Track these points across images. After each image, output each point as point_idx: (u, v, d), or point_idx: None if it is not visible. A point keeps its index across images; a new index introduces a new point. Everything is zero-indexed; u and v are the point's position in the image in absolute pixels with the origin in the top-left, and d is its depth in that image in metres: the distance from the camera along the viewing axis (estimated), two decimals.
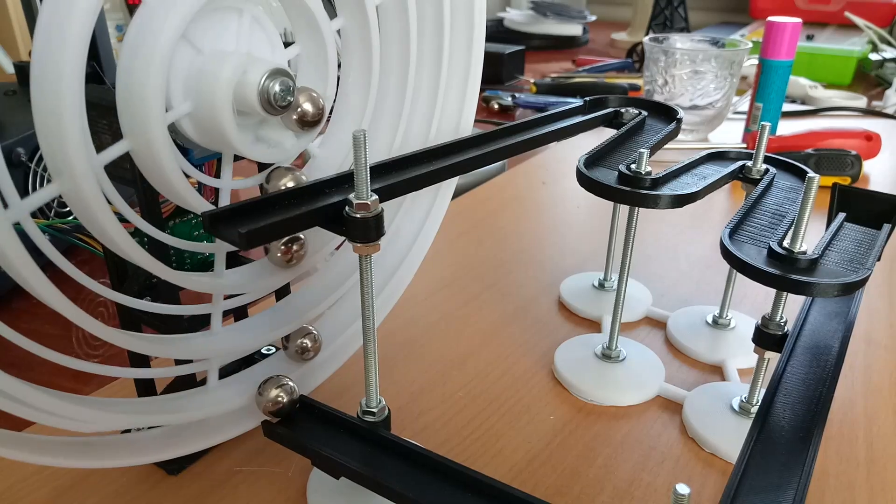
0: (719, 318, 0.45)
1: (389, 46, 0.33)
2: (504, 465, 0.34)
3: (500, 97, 1.01)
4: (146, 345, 0.27)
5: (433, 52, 0.35)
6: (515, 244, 0.58)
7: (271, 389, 0.29)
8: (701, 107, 0.80)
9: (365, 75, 0.32)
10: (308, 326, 0.34)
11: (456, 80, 0.37)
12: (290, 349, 0.33)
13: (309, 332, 0.34)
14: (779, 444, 0.26)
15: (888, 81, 1.13)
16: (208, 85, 0.25)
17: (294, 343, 0.33)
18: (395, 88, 0.34)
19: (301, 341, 0.33)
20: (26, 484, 0.32)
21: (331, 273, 0.36)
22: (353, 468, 0.27)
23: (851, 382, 0.40)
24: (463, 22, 0.36)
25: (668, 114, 0.43)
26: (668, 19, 1.38)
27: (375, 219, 0.25)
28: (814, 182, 0.29)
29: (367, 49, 0.31)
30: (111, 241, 0.24)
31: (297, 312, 0.33)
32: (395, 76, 0.34)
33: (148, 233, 0.26)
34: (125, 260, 0.30)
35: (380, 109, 0.34)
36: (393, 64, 0.34)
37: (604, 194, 0.34)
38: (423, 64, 0.35)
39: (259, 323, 0.32)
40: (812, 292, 0.27)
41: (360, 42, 0.31)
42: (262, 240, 0.25)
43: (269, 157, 0.29)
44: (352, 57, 0.31)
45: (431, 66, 0.36)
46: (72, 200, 0.22)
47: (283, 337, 0.33)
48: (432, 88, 0.36)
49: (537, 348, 0.44)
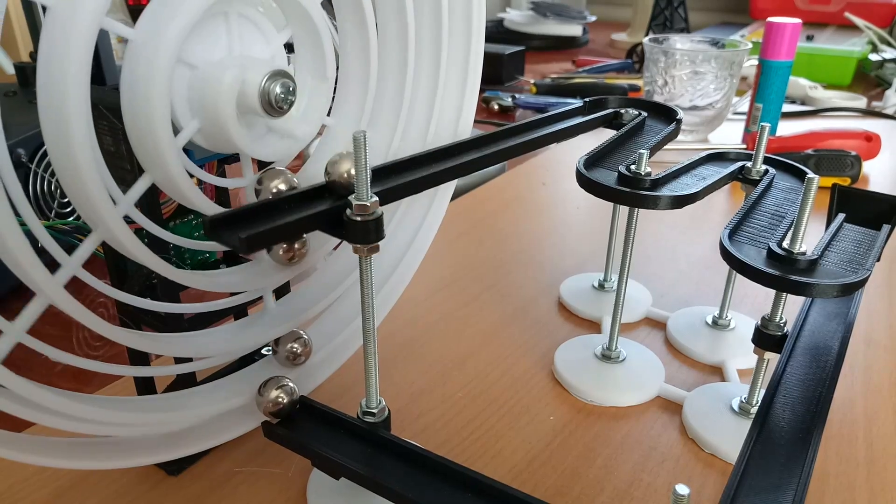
0: (719, 318, 0.45)
1: (387, 45, 0.33)
2: (504, 465, 0.34)
3: (500, 98, 1.01)
4: (149, 342, 0.27)
5: (431, 52, 0.35)
6: (515, 245, 0.58)
7: (271, 390, 0.29)
8: (701, 107, 0.80)
9: (363, 74, 0.32)
10: (298, 331, 0.33)
11: (455, 80, 0.37)
12: (279, 354, 0.33)
13: (299, 336, 0.33)
14: (778, 444, 0.26)
15: (888, 82, 1.13)
16: (211, 99, 0.25)
17: (284, 348, 0.33)
18: (394, 89, 0.34)
19: (291, 346, 0.33)
20: (27, 484, 0.33)
21: (330, 272, 0.36)
22: (353, 469, 0.27)
23: (851, 383, 0.40)
24: (461, 22, 0.36)
25: (668, 114, 0.43)
26: (668, 20, 1.38)
27: (375, 221, 0.25)
28: (813, 183, 0.29)
29: (364, 47, 0.31)
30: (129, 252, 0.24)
31: (297, 311, 0.33)
32: (392, 78, 0.34)
33: (153, 233, 0.26)
34: (126, 260, 0.30)
35: (378, 110, 0.34)
36: (391, 64, 0.34)
37: (603, 195, 0.34)
38: (420, 65, 0.35)
39: (259, 322, 0.32)
40: (811, 293, 0.27)
41: (357, 38, 0.31)
42: (263, 244, 0.25)
43: (282, 152, 0.29)
44: (349, 56, 0.31)
45: (430, 66, 0.36)
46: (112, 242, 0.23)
47: (274, 341, 0.33)
48: (430, 89, 0.36)
49: (537, 349, 0.44)
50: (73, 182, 0.22)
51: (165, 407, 0.29)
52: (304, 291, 0.35)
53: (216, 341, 0.30)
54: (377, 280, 0.38)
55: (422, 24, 0.34)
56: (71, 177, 0.22)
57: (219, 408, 0.31)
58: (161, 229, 0.27)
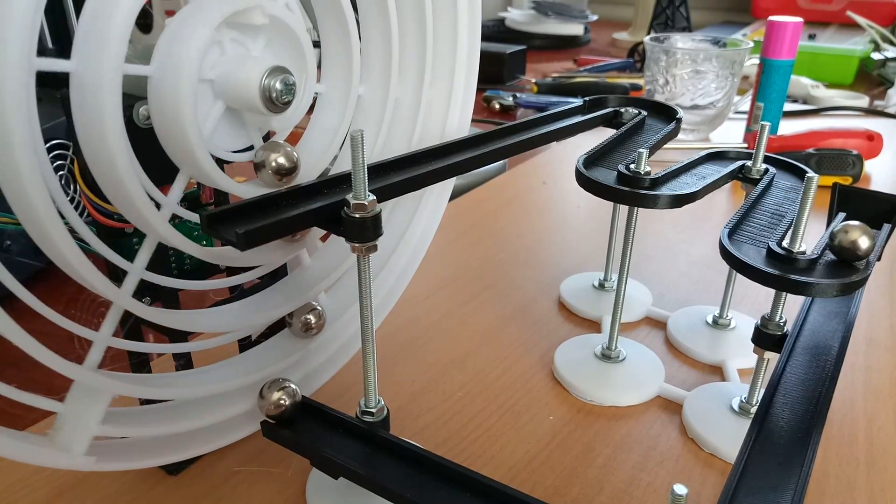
0: (719, 318, 0.45)
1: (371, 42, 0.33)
2: (503, 465, 0.34)
3: (502, 97, 1.01)
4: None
5: (418, 51, 0.35)
6: (515, 244, 0.58)
7: (273, 392, 0.29)
8: (702, 106, 0.80)
9: (346, 61, 0.31)
10: (312, 303, 0.34)
11: (457, 80, 0.37)
12: (294, 326, 0.34)
13: (313, 307, 0.34)
14: (777, 444, 0.26)
15: (890, 81, 1.12)
16: (240, 87, 0.26)
17: (298, 319, 0.33)
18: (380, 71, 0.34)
19: (305, 317, 0.33)
20: (26, 484, 0.33)
21: (325, 268, 0.36)
22: (352, 468, 0.27)
23: (852, 382, 0.40)
24: (464, 15, 0.36)
25: (668, 113, 0.43)
26: (669, 19, 1.38)
27: (373, 219, 0.25)
28: (812, 182, 0.29)
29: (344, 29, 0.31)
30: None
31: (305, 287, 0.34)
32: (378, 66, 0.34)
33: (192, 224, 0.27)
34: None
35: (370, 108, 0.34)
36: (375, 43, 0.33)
37: (602, 194, 0.34)
38: (419, 63, 0.35)
39: (265, 298, 0.33)
40: (811, 292, 0.27)
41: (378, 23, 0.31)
42: (261, 240, 0.25)
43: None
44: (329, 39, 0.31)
45: (423, 64, 0.35)
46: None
47: (287, 315, 0.33)
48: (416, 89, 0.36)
49: (537, 348, 0.44)
50: (118, 194, 0.24)
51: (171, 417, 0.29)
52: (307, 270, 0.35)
53: (230, 316, 0.31)
54: (377, 281, 0.38)
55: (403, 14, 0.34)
56: (114, 188, 0.24)
57: (225, 413, 0.31)
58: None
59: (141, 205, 0.24)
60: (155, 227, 0.25)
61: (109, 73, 0.22)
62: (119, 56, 0.22)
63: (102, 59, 0.21)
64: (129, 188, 0.23)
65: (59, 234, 0.22)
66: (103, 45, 0.21)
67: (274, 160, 0.27)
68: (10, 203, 0.21)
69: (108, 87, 0.22)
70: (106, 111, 0.22)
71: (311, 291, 0.33)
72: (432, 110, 0.37)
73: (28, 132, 0.20)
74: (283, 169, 0.28)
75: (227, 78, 0.26)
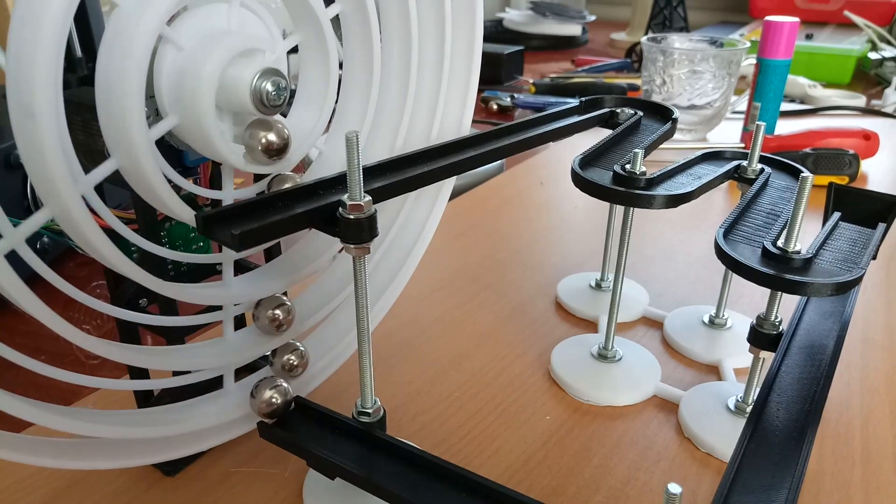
0: (716, 317, 0.45)
1: (391, 44, 0.33)
2: (500, 465, 0.34)
3: (499, 97, 1.01)
4: (145, 357, 0.27)
5: (434, 52, 0.35)
6: (513, 244, 0.58)
7: (264, 391, 0.29)
8: (699, 106, 0.80)
9: (366, 75, 0.31)
10: (295, 342, 0.32)
11: (457, 80, 0.37)
12: (275, 366, 0.32)
13: (295, 347, 0.32)
14: (772, 443, 0.26)
15: (887, 80, 1.12)
16: (189, 89, 0.24)
17: (280, 360, 0.32)
18: (397, 89, 0.34)
19: (288, 358, 0.32)
20: (24, 485, 0.33)
21: (330, 280, 0.36)
22: (348, 469, 0.27)
23: (847, 381, 0.40)
24: (463, 22, 0.36)
25: (664, 114, 0.43)
26: (667, 19, 1.38)
27: (368, 220, 0.25)
28: (807, 181, 0.29)
29: (368, 47, 0.31)
30: (106, 261, 0.24)
31: (299, 318, 0.33)
32: (395, 77, 0.34)
33: (141, 245, 0.26)
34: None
35: (380, 109, 0.34)
36: (394, 64, 0.34)
37: (598, 194, 0.34)
38: (424, 64, 0.35)
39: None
40: (806, 292, 0.27)
41: (360, 40, 0.31)
42: (256, 241, 0.25)
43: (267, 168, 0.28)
44: (353, 56, 0.31)
45: (433, 66, 0.36)
46: (63, 222, 0.22)
47: (271, 353, 0.32)
48: (433, 90, 0.36)
49: (534, 348, 0.44)
50: (33, 151, 0.21)
51: (161, 421, 0.29)
52: (305, 296, 0.35)
53: (210, 354, 0.30)
54: (375, 282, 0.38)
55: (425, 23, 0.34)
56: (31, 148, 0.21)
57: (219, 419, 0.31)
58: (122, 225, 0.25)
59: (54, 171, 0.21)
60: (63, 198, 0.22)
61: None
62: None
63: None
64: (47, 145, 0.21)
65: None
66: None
67: (263, 137, 0.26)
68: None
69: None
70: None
71: (300, 273, 0.32)
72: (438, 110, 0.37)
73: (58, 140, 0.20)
74: (274, 146, 0.26)
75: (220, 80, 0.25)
